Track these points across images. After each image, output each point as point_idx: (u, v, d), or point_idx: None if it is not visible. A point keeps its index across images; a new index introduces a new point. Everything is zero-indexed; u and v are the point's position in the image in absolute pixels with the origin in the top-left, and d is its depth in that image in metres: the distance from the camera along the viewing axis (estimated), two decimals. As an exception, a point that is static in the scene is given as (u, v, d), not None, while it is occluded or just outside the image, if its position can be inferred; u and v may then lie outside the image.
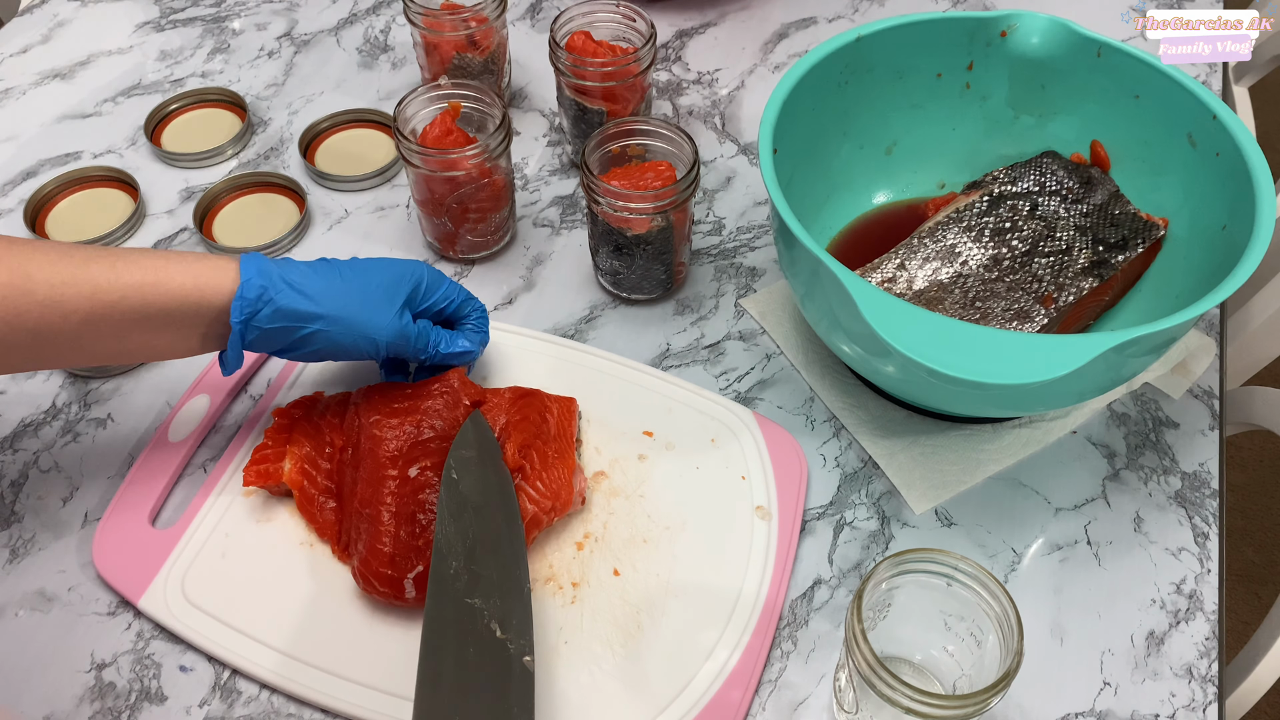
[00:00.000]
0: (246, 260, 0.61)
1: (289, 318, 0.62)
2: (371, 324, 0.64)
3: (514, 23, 1.04)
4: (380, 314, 0.64)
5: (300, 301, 0.62)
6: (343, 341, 0.64)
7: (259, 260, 0.62)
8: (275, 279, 0.61)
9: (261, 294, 0.61)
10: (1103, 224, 0.76)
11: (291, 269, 0.63)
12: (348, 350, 0.65)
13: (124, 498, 0.68)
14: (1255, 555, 1.54)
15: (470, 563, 0.59)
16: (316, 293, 0.62)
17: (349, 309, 0.63)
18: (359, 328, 0.64)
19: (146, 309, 0.58)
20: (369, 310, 0.64)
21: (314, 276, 0.63)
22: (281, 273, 0.62)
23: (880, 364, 0.65)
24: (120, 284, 0.58)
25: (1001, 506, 0.70)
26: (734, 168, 0.91)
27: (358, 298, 0.64)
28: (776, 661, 0.63)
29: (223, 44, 1.01)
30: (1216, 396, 0.75)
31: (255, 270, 0.61)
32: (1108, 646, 0.64)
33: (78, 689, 0.62)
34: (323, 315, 0.62)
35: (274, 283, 0.61)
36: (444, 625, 0.56)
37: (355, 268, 0.65)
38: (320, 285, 0.63)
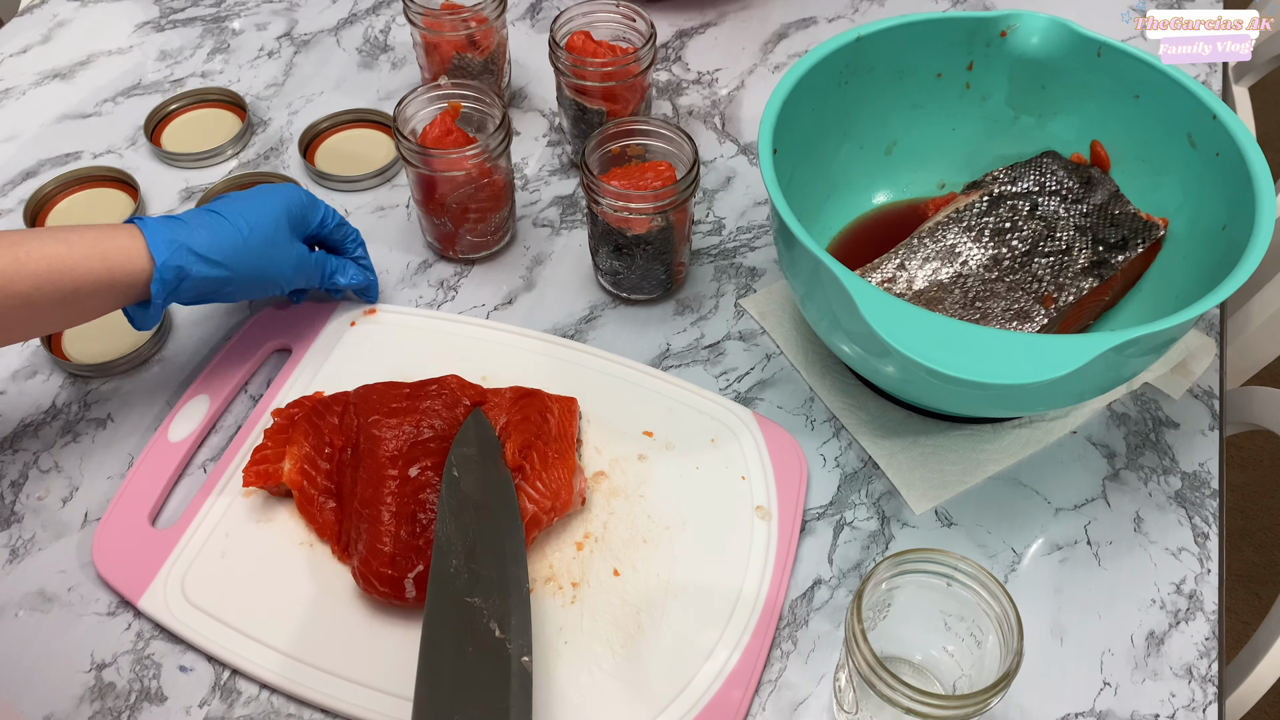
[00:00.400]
0: (151, 234, 0.64)
1: (205, 286, 0.66)
2: (275, 270, 0.69)
3: (514, 23, 1.04)
4: (280, 259, 0.69)
5: (214, 270, 0.65)
6: (252, 290, 0.69)
7: (163, 231, 0.64)
8: (187, 255, 0.64)
9: (179, 272, 0.64)
10: (1103, 224, 0.76)
11: (196, 236, 0.65)
12: (255, 294, 0.70)
13: (124, 498, 0.68)
14: (1255, 555, 1.54)
15: (470, 561, 0.59)
16: (225, 257, 0.66)
17: (255, 265, 0.67)
18: (266, 277, 0.69)
19: (59, 294, 0.60)
20: (271, 259, 0.68)
21: (219, 240, 0.66)
22: (189, 244, 0.64)
23: (880, 364, 0.65)
24: (27, 273, 0.59)
25: (1001, 506, 0.70)
26: (734, 168, 0.91)
27: (260, 250, 0.67)
28: (776, 661, 0.63)
29: (223, 44, 1.01)
30: (1216, 396, 0.75)
31: (166, 248, 0.63)
32: (1108, 646, 0.64)
33: (78, 689, 0.62)
34: (235, 276, 0.66)
35: (187, 259, 0.64)
36: (444, 623, 0.56)
37: (245, 215, 0.67)
38: (226, 248, 0.66)
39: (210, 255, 0.65)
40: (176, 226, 0.65)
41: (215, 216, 0.67)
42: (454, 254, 0.83)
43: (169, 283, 0.64)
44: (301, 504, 0.67)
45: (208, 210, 0.68)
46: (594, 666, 0.61)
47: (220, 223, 0.67)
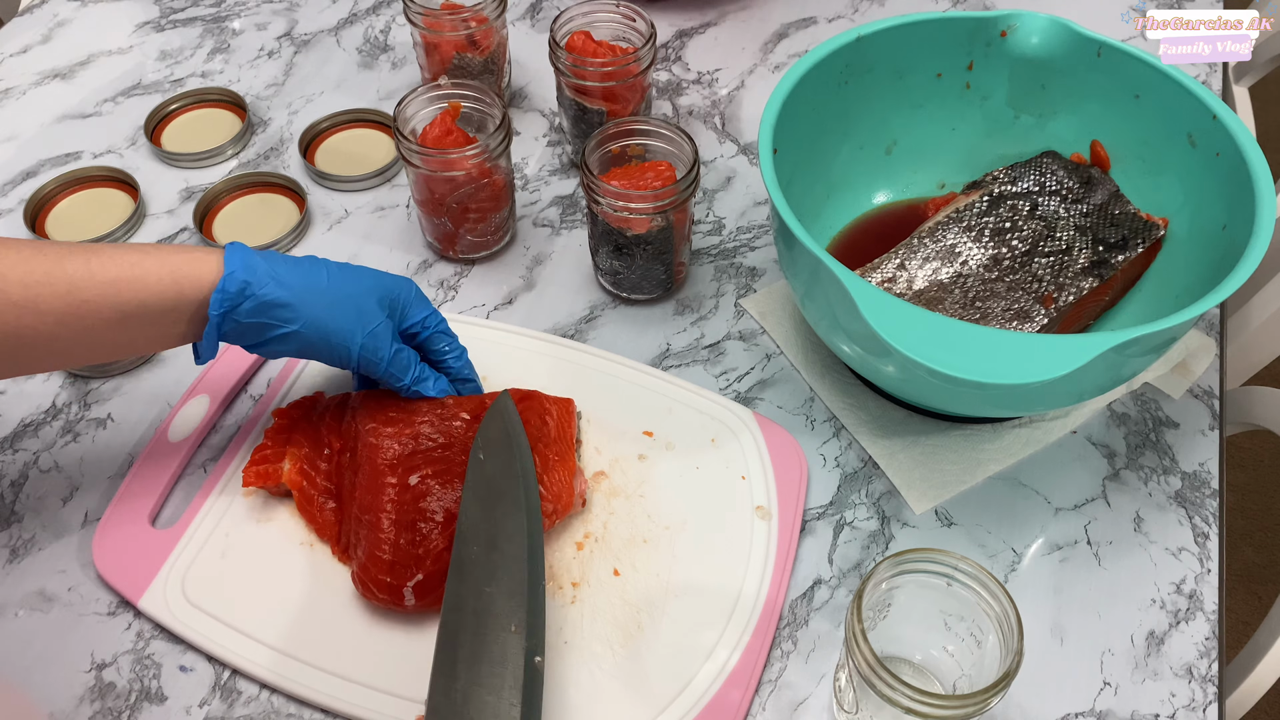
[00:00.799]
0: (231, 251, 0.60)
1: (268, 313, 0.60)
2: (346, 332, 0.62)
3: (514, 23, 1.04)
4: (356, 323, 0.63)
5: (282, 294, 0.60)
6: (316, 344, 0.63)
7: (244, 252, 0.60)
8: (260, 272, 0.60)
9: (244, 288, 0.59)
10: (1103, 224, 0.76)
11: (278, 262, 0.61)
12: (320, 354, 0.64)
13: (124, 498, 0.68)
14: (1255, 555, 1.54)
15: (491, 551, 0.58)
16: (298, 289, 0.61)
17: (327, 312, 0.62)
18: (334, 334, 0.62)
19: (124, 306, 0.57)
20: (346, 317, 0.62)
21: (298, 273, 0.61)
22: (268, 266, 0.60)
23: (880, 364, 0.65)
24: (96, 280, 0.56)
25: (1002, 506, 0.70)
26: (734, 168, 0.91)
27: (337, 301, 0.62)
28: (776, 661, 0.63)
29: (223, 44, 1.01)
30: (1216, 396, 0.75)
31: (240, 263, 0.60)
32: (1108, 646, 0.64)
33: (78, 689, 0.62)
34: (300, 315, 0.61)
35: (258, 277, 0.60)
36: (462, 611, 0.56)
37: (341, 271, 0.64)
38: (302, 283, 0.61)
39: (283, 280, 0.60)
40: (264, 253, 0.61)
41: (310, 258, 0.63)
42: (454, 254, 0.83)
43: (230, 295, 0.59)
44: (301, 504, 0.67)
45: (305, 257, 0.64)
46: (594, 666, 0.61)
47: (309, 262, 0.63)
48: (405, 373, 0.65)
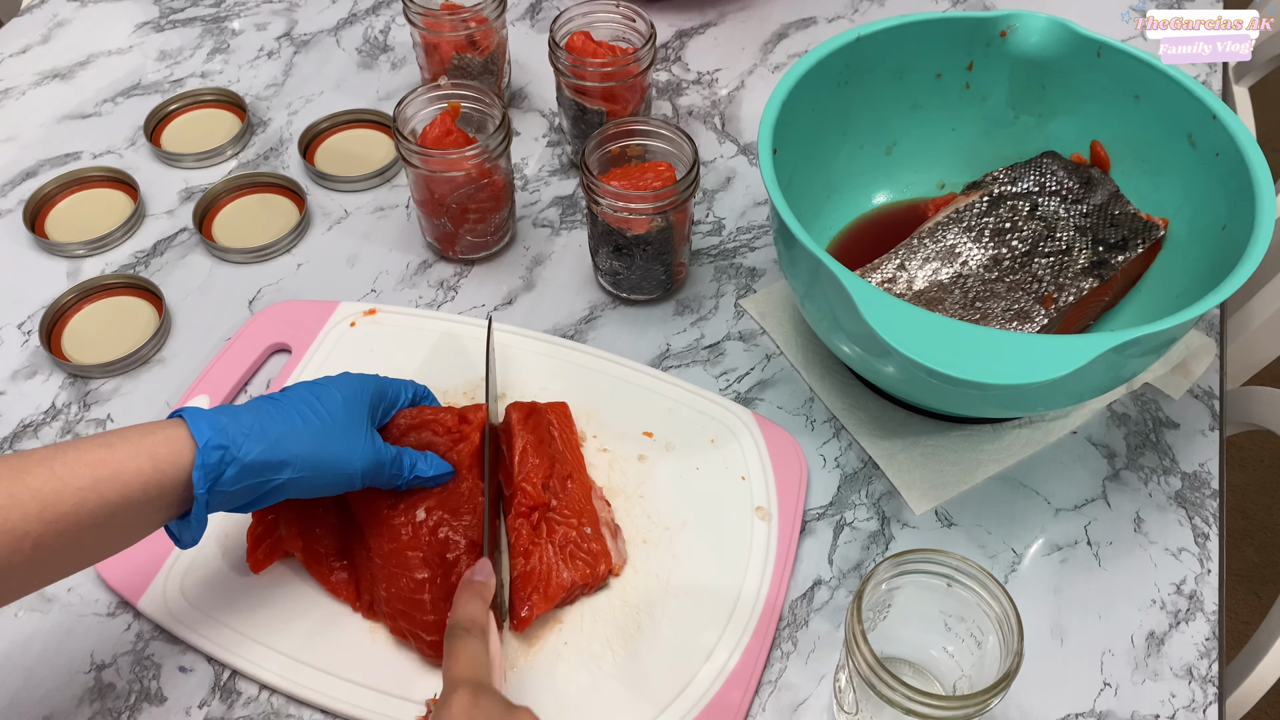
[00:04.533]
0: (194, 421, 0.54)
1: (256, 473, 0.55)
2: (343, 458, 0.58)
3: (514, 23, 1.04)
4: (350, 444, 0.59)
5: (266, 451, 0.55)
6: (316, 483, 0.58)
7: (208, 417, 0.55)
8: (233, 434, 0.54)
9: (223, 456, 0.54)
10: (1103, 224, 0.76)
11: (244, 418, 0.56)
12: (322, 490, 0.59)
13: (124, 498, 0.68)
14: (1255, 555, 1.54)
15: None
16: (279, 437, 0.56)
17: (316, 447, 0.57)
18: (331, 465, 0.58)
19: (105, 508, 0.50)
20: (337, 442, 0.58)
21: (271, 420, 0.56)
22: (236, 425, 0.55)
23: (880, 364, 0.65)
24: (69, 489, 0.49)
25: (1002, 507, 0.70)
26: (734, 168, 0.91)
27: (322, 432, 0.58)
28: (776, 662, 0.63)
29: (222, 44, 1.01)
30: (1217, 397, 0.75)
31: (210, 430, 0.54)
32: (1108, 647, 0.64)
33: (77, 689, 0.62)
34: (290, 461, 0.56)
35: (233, 439, 0.54)
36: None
37: (305, 399, 0.59)
38: (280, 429, 0.56)
39: (260, 434, 0.55)
40: (225, 411, 0.56)
41: (270, 401, 0.58)
42: (454, 254, 0.83)
43: (211, 468, 0.53)
44: (309, 565, 0.64)
45: (266, 397, 0.59)
46: (594, 666, 0.61)
47: (267, 403, 0.58)
48: (401, 469, 0.62)
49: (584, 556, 0.63)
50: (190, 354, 0.77)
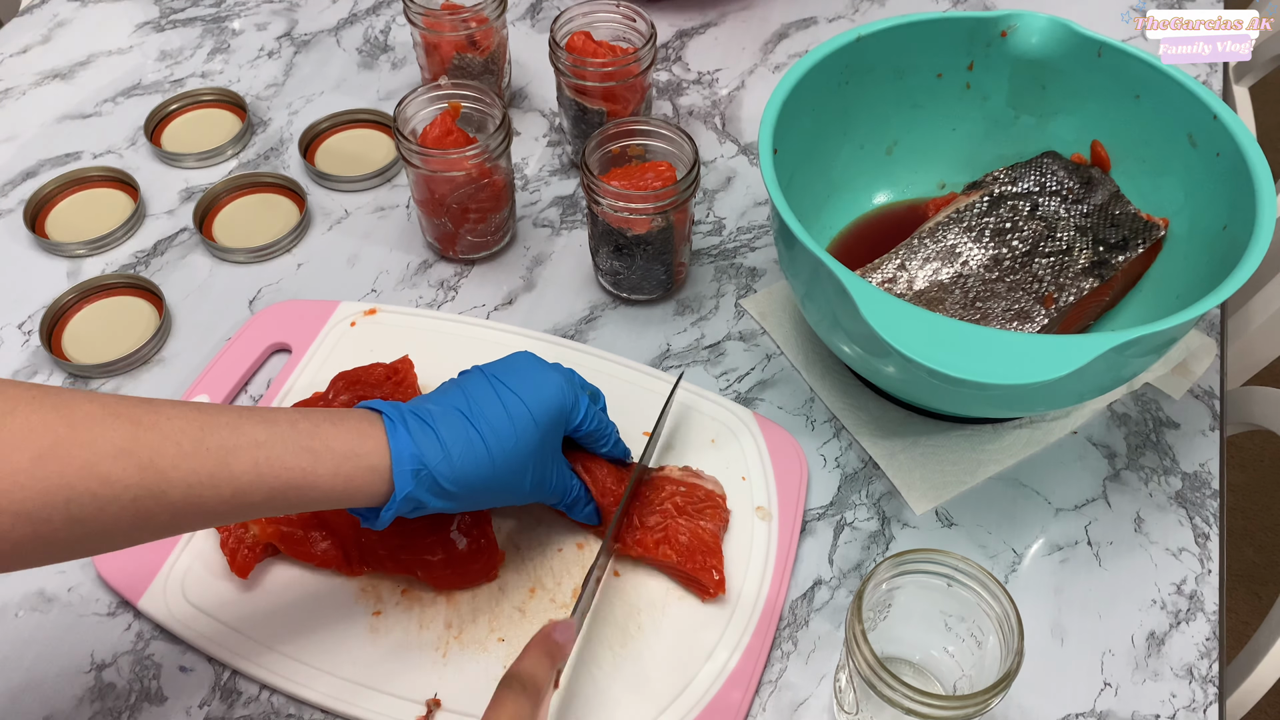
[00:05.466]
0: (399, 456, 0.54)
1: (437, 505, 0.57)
2: (515, 493, 0.59)
3: (514, 23, 1.04)
4: (524, 482, 0.59)
5: (449, 503, 0.56)
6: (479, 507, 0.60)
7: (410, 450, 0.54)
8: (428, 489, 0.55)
9: (416, 505, 0.55)
10: (1103, 224, 0.76)
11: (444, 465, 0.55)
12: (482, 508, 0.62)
13: (124, 498, 0.68)
14: (1255, 555, 1.54)
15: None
16: (465, 486, 0.56)
17: (495, 492, 0.58)
18: (502, 499, 0.59)
19: (288, 506, 0.53)
20: (515, 484, 0.58)
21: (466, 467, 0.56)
22: (435, 473, 0.55)
23: (880, 364, 0.65)
24: (264, 487, 0.51)
25: (1002, 507, 0.70)
26: (734, 168, 0.91)
27: (506, 477, 0.57)
28: (777, 662, 0.63)
29: (223, 44, 1.01)
30: (1217, 397, 0.75)
31: (411, 479, 0.54)
32: (1108, 647, 0.63)
33: (78, 689, 0.62)
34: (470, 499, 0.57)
35: (427, 495, 0.55)
36: None
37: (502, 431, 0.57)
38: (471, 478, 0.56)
39: (452, 488, 0.55)
40: (427, 442, 0.55)
41: (469, 429, 0.56)
42: (454, 254, 0.83)
43: (402, 511, 0.55)
44: (289, 549, 0.64)
45: (460, 412, 0.57)
46: (594, 667, 0.61)
47: (474, 441, 0.56)
48: (559, 501, 0.63)
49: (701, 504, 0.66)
50: (190, 354, 0.77)
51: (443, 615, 0.63)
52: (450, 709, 0.60)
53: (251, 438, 0.51)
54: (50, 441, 0.46)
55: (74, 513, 0.46)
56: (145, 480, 0.47)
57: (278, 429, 0.52)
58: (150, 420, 0.49)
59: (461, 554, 0.63)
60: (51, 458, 0.45)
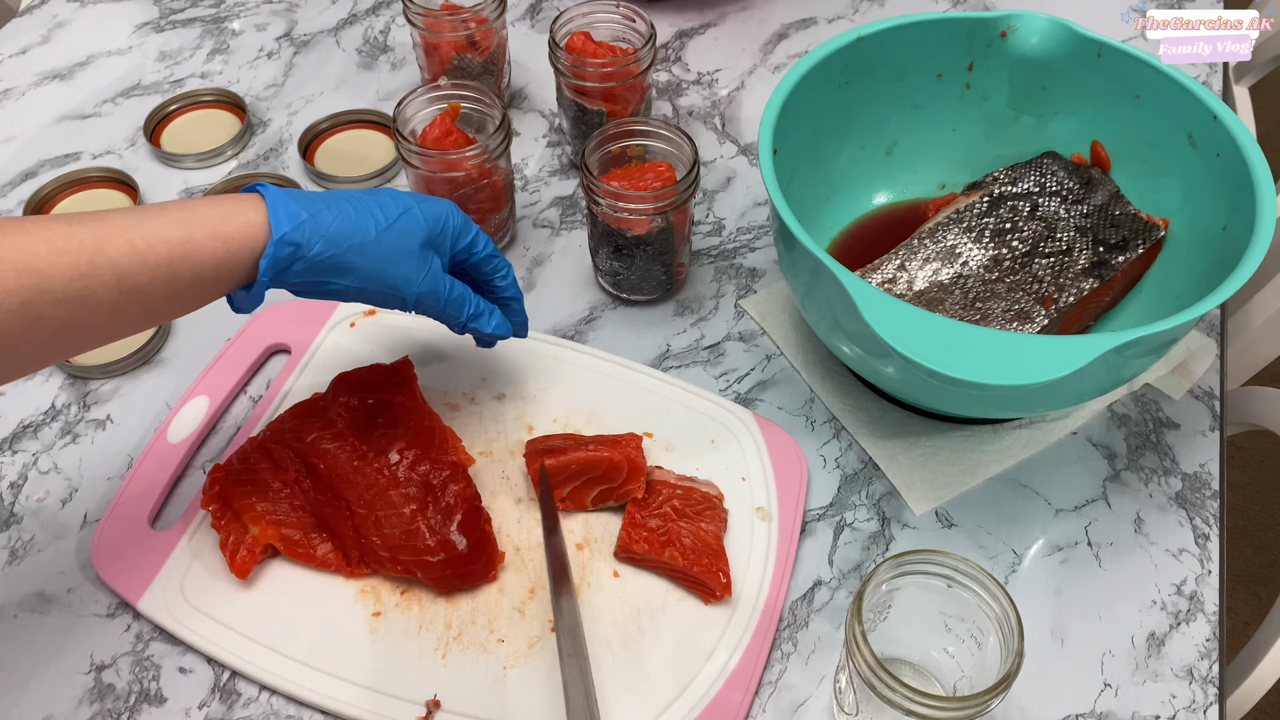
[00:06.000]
0: (275, 206, 0.56)
1: (320, 272, 0.58)
2: (400, 281, 0.61)
3: (514, 23, 1.04)
4: (410, 271, 0.61)
5: (334, 257, 0.58)
6: (370, 294, 0.61)
7: (287, 206, 0.57)
8: (308, 233, 0.57)
9: (294, 252, 0.56)
10: (1103, 225, 0.76)
11: (324, 213, 0.58)
12: (375, 301, 0.62)
13: (123, 499, 0.68)
14: (1256, 555, 1.54)
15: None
16: (347, 245, 0.58)
17: (379, 265, 0.60)
18: (388, 285, 0.60)
19: (176, 283, 0.54)
20: (399, 267, 0.60)
21: (346, 224, 0.58)
22: (314, 224, 0.57)
23: (880, 365, 0.65)
24: (147, 265, 0.52)
25: (1002, 508, 0.70)
26: (734, 168, 0.91)
27: (388, 253, 0.60)
28: (777, 663, 0.63)
29: (222, 44, 1.01)
30: (1217, 397, 0.75)
31: (288, 224, 0.56)
32: (1108, 648, 0.63)
33: (77, 690, 0.61)
34: (352, 272, 0.59)
35: (307, 236, 0.57)
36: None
37: (386, 214, 0.60)
38: (352, 236, 0.58)
39: (333, 237, 0.57)
40: (304, 200, 0.58)
41: (349, 202, 0.60)
42: (454, 255, 0.83)
43: (281, 260, 0.56)
44: (290, 551, 0.64)
45: (343, 194, 0.60)
46: (594, 667, 0.61)
47: (352, 208, 0.59)
48: (461, 310, 0.64)
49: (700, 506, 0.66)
50: (190, 354, 0.77)
51: (443, 615, 0.63)
52: (450, 709, 0.60)
53: (123, 223, 0.52)
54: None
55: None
56: (25, 282, 0.48)
57: (149, 211, 0.54)
58: (16, 228, 0.50)
59: (461, 554, 0.63)
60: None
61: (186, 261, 0.53)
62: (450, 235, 0.64)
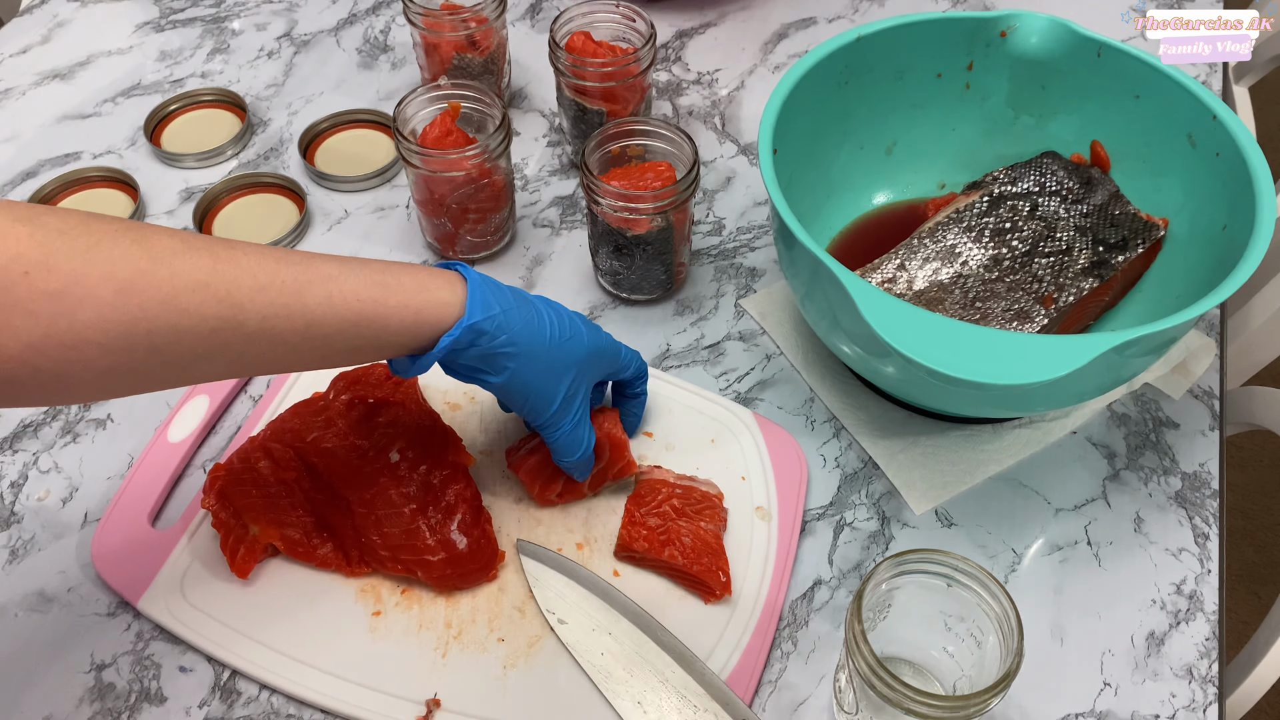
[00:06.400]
0: (474, 290, 0.57)
1: (487, 362, 0.58)
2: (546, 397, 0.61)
3: (514, 23, 1.04)
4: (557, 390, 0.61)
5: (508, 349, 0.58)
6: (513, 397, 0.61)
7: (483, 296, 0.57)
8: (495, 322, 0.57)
9: (476, 339, 0.56)
10: (1103, 224, 0.76)
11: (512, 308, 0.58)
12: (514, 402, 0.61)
13: (124, 498, 0.68)
14: (1255, 555, 1.54)
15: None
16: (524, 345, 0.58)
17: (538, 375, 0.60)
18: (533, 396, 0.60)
19: (359, 342, 0.54)
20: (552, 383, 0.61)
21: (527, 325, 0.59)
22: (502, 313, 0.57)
23: (880, 364, 0.65)
24: (336, 318, 0.52)
25: (1002, 507, 0.70)
26: (734, 168, 0.91)
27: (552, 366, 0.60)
28: (776, 662, 0.63)
29: (222, 44, 1.01)
30: (1217, 397, 0.75)
31: (481, 312, 0.56)
32: (1108, 647, 0.63)
33: (77, 690, 0.62)
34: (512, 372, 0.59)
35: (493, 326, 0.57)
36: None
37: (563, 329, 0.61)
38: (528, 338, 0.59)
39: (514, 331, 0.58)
40: (499, 293, 0.58)
41: (532, 306, 0.60)
42: (454, 254, 0.83)
43: (461, 342, 0.56)
44: (291, 551, 0.64)
45: (530, 298, 0.61)
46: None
47: (533, 309, 0.60)
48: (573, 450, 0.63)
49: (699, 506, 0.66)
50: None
51: (443, 615, 0.63)
52: (450, 709, 0.60)
53: (324, 272, 0.53)
54: (131, 274, 0.46)
55: (155, 343, 0.47)
56: (222, 312, 0.49)
57: (349, 265, 0.54)
58: (227, 255, 0.50)
59: (461, 554, 0.63)
60: (133, 290, 0.46)
61: (374, 323, 0.54)
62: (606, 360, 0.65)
